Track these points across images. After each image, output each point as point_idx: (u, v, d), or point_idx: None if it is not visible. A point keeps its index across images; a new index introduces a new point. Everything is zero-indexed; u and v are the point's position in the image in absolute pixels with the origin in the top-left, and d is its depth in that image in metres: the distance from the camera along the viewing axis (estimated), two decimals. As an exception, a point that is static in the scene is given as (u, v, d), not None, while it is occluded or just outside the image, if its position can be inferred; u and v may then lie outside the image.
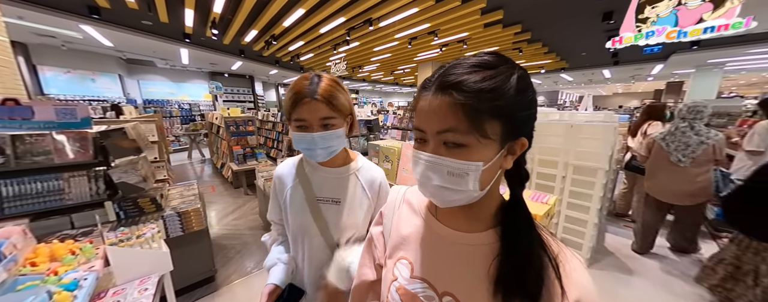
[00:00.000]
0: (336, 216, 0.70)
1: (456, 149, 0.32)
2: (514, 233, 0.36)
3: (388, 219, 0.50)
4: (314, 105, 0.60)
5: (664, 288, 1.85)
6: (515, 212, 0.36)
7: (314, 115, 0.61)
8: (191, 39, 5.93)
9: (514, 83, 0.31)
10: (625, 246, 2.37)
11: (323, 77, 0.64)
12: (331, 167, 0.72)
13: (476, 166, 0.32)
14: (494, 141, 0.32)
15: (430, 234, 0.43)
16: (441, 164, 0.33)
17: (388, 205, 0.52)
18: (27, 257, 0.86)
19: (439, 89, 0.32)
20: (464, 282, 0.38)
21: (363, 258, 0.55)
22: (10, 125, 1.19)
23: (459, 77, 0.31)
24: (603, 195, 1.98)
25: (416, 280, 0.42)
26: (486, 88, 0.30)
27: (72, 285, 0.75)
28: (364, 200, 0.72)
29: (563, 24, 5.19)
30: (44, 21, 4.53)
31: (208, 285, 1.92)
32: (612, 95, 21.57)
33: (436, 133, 0.32)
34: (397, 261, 0.45)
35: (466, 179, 0.32)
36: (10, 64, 1.82)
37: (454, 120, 0.31)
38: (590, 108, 3.00)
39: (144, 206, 1.54)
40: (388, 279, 0.45)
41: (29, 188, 1.23)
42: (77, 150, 1.32)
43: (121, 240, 0.99)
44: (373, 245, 0.53)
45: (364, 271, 0.54)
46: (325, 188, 0.71)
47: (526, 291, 0.33)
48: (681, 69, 8.81)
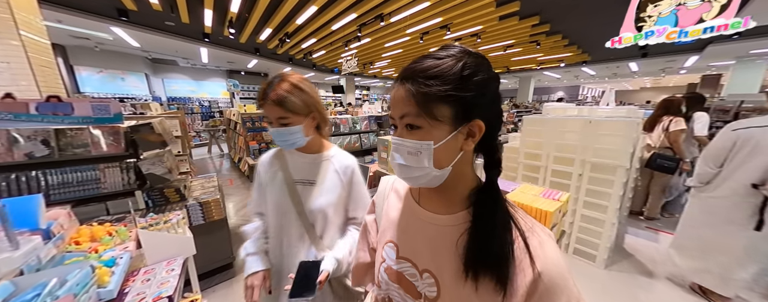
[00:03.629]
0: (311, 195, 0.78)
1: (413, 131, 0.37)
2: (481, 212, 0.38)
3: (380, 207, 0.55)
4: (269, 107, 0.70)
5: (691, 294, 1.73)
6: (485, 194, 0.39)
7: (271, 115, 0.72)
8: (210, 38, 6.18)
9: (459, 69, 0.34)
10: (646, 247, 2.26)
11: (284, 80, 0.71)
12: (307, 153, 0.82)
13: (428, 145, 0.36)
14: (444, 123, 0.35)
15: (412, 217, 0.47)
16: (402, 145, 0.38)
17: (378, 194, 0.57)
18: (71, 237, 0.97)
19: (398, 81, 0.37)
20: (439, 259, 0.41)
21: (360, 243, 0.61)
22: (54, 119, 1.31)
23: (412, 69, 0.36)
24: (623, 194, 1.89)
25: (401, 260, 0.46)
26: (430, 75, 0.34)
27: (110, 261, 0.84)
28: (337, 183, 0.80)
29: (585, 14, 4.90)
30: (80, 24, 4.88)
31: (226, 271, 2.04)
32: (639, 90, 20.20)
33: (399, 118, 0.38)
34: (385, 245, 0.50)
35: (420, 157, 0.37)
36: (51, 65, 2.00)
37: (407, 106, 0.36)
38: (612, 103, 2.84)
39: (169, 196, 1.66)
40: (379, 261, 0.50)
41: (71, 178, 1.36)
42: (111, 143, 1.43)
43: (151, 225, 1.08)
44: (367, 231, 0.59)
45: (360, 254, 0.61)
46: (301, 171, 0.81)
47: (489, 265, 0.35)
48: (719, 61, 8.09)
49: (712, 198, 1.59)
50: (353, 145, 2.92)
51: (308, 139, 0.77)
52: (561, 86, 19.04)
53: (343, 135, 2.88)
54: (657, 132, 2.50)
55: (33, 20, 1.87)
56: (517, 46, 7.25)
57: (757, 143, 1.40)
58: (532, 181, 2.21)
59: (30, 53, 1.76)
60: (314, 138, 0.80)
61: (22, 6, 1.78)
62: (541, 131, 2.15)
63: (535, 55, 8.39)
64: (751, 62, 7.26)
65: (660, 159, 2.37)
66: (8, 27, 1.67)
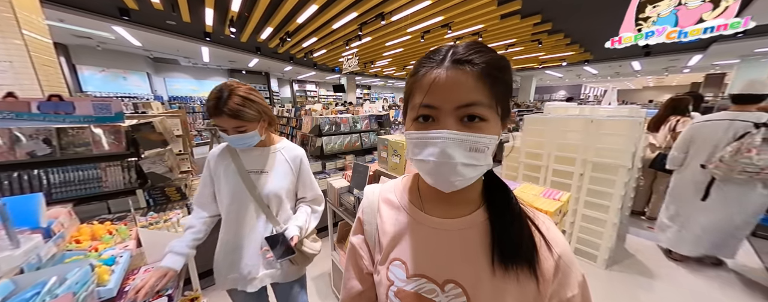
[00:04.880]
0: (264, 183, 0.90)
1: (478, 124, 0.32)
2: (498, 207, 0.38)
3: (370, 225, 0.47)
4: (224, 120, 0.77)
5: (692, 296, 1.72)
6: (497, 189, 0.39)
7: (227, 125, 0.79)
8: (211, 37, 6.18)
9: (508, 65, 0.34)
10: (647, 247, 2.25)
11: (233, 94, 0.77)
12: (257, 147, 0.92)
13: (494, 139, 0.33)
14: (498, 116, 0.34)
15: (418, 228, 0.41)
16: (465, 140, 0.31)
17: (365, 209, 0.48)
18: (72, 235, 0.97)
19: (457, 63, 0.31)
20: (464, 265, 0.38)
21: (348, 271, 0.51)
22: (55, 118, 1.32)
23: (472, 55, 0.31)
24: (624, 194, 1.88)
25: (415, 278, 0.40)
26: (498, 66, 0.32)
27: (110, 260, 0.84)
28: (288, 171, 0.94)
29: (588, 13, 4.87)
30: (82, 23, 4.90)
31: (227, 269, 2.05)
32: (641, 89, 20.06)
33: (455, 108, 0.31)
34: (390, 265, 0.43)
35: (486, 153, 0.33)
36: (53, 64, 2.00)
37: (479, 94, 0.31)
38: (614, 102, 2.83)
39: (170, 195, 1.66)
40: (384, 284, 0.43)
41: (72, 176, 1.36)
42: (112, 142, 1.44)
43: (151, 224, 1.08)
44: (357, 255, 0.49)
45: (350, 284, 0.50)
46: (253, 162, 0.91)
47: (522, 257, 0.36)
48: (723, 60, 8.01)
49: (680, 177, 2.01)
50: (354, 144, 2.92)
51: (262, 138, 0.88)
52: (563, 84, 18.93)
53: (344, 134, 2.87)
54: (663, 132, 2.47)
55: (35, 19, 1.88)
56: (519, 45, 7.21)
57: (707, 133, 1.80)
58: (533, 181, 2.20)
59: (32, 52, 1.77)
60: (265, 135, 0.92)
61: (25, 5, 1.78)
62: (542, 131, 2.14)
63: (537, 54, 8.34)
64: (756, 61, 7.19)
65: (664, 160, 2.34)
66: (11, 26, 1.68)
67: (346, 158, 2.76)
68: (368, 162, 1.42)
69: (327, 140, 2.74)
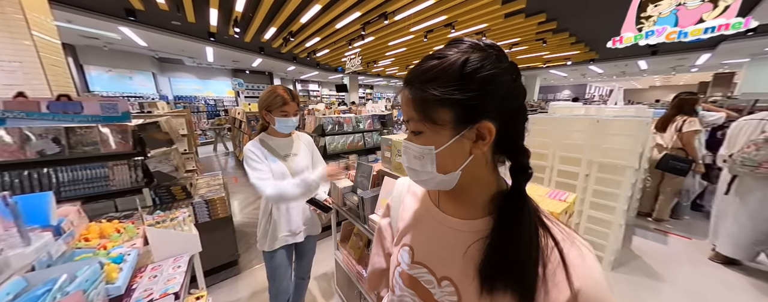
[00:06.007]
0: (298, 162, 1.23)
1: (418, 136, 0.37)
2: (504, 220, 0.35)
3: (395, 210, 0.53)
4: (293, 106, 1.13)
5: (702, 299, 1.69)
6: (511, 202, 0.36)
7: (292, 110, 1.14)
8: (215, 37, 6.23)
9: (459, 68, 0.31)
10: (653, 249, 2.21)
11: (289, 88, 1.14)
12: (284, 138, 1.23)
13: (429, 150, 0.36)
14: (445, 127, 0.34)
15: (430, 220, 0.45)
16: (409, 148, 0.39)
17: (393, 197, 0.55)
18: (81, 233, 0.98)
19: (403, 85, 0.38)
20: (459, 266, 0.38)
21: (375, 248, 0.60)
22: (64, 118, 1.34)
23: (414, 72, 0.35)
24: (631, 195, 1.85)
25: (417, 265, 0.44)
26: (428, 78, 0.33)
27: (118, 258, 0.85)
28: (307, 152, 1.30)
29: (593, 11, 4.80)
30: (89, 24, 4.97)
31: (231, 268, 2.07)
32: (648, 89, 19.76)
33: (406, 122, 0.39)
34: (400, 248, 0.48)
35: (424, 161, 0.37)
36: (62, 64, 2.04)
37: (410, 111, 0.36)
38: (620, 102, 2.79)
39: (176, 194, 1.68)
40: (394, 264, 0.48)
41: (80, 175, 1.38)
42: (119, 141, 1.46)
43: (158, 222, 1.09)
44: (382, 236, 0.57)
45: (375, 260, 0.59)
46: (284, 147, 1.22)
47: (507, 278, 0.33)
48: (732, 59, 7.86)
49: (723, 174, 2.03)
50: (357, 144, 2.92)
51: None
52: (567, 84, 18.74)
53: (347, 134, 2.88)
54: (670, 132, 2.42)
55: (44, 20, 1.91)
56: (523, 44, 7.15)
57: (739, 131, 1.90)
58: (538, 181, 2.19)
59: (41, 53, 1.80)
60: None
61: (34, 6, 1.81)
62: (547, 131, 2.12)
63: (541, 54, 8.27)
64: (766, 60, 7.03)
65: (672, 161, 2.30)
66: (20, 27, 1.71)
67: (349, 157, 2.77)
68: (371, 162, 1.42)
69: (330, 140, 2.74)
